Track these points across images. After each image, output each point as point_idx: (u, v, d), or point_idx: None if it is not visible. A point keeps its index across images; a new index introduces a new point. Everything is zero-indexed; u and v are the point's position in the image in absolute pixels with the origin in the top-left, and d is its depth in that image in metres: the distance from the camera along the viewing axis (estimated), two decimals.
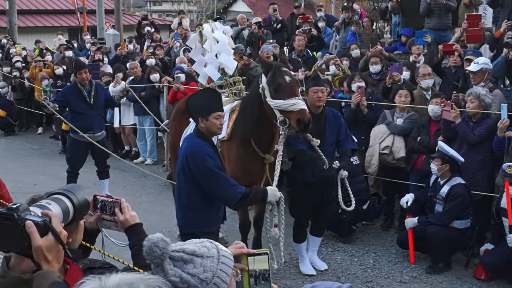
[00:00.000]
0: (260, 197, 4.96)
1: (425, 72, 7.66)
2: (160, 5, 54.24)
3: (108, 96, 8.83)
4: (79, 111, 8.35)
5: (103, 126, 8.81)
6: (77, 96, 8.36)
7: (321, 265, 6.46)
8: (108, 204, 2.86)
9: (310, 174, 5.99)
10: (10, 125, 15.02)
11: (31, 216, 1.88)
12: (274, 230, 5.48)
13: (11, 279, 1.88)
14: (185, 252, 1.98)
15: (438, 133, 6.94)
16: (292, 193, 6.49)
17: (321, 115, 6.03)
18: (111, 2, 23.77)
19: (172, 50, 13.93)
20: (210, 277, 1.96)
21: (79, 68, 8.57)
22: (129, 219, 2.84)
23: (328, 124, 6.04)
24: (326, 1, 24.89)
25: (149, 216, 8.14)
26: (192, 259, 1.98)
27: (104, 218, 2.88)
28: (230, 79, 6.78)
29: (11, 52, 17.52)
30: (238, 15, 15.06)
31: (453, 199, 6.23)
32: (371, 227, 7.63)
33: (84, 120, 8.29)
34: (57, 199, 2.15)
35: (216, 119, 4.72)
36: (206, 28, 6.75)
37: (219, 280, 1.98)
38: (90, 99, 8.38)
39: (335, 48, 12.86)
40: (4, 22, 24.06)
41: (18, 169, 10.87)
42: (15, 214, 1.85)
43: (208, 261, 1.98)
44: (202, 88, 6.15)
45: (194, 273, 1.96)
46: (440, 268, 6.38)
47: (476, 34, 8.96)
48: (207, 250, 2.01)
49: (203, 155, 4.65)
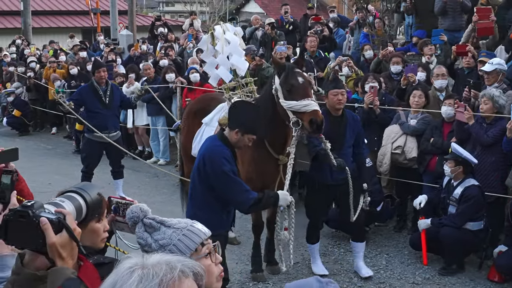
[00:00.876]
0: (272, 202, 4.99)
1: (439, 72, 7.63)
2: (173, 6, 54.38)
3: (123, 97, 8.89)
4: (94, 110, 8.41)
5: (118, 126, 8.87)
6: (92, 95, 8.44)
7: (365, 272, 6.29)
8: (122, 206, 2.89)
9: (329, 175, 5.97)
10: (25, 125, 15.13)
11: (45, 214, 1.89)
12: (284, 233, 5.49)
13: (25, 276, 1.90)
14: (155, 220, 2.30)
15: (451, 135, 6.91)
16: (308, 194, 6.47)
17: (341, 117, 6.04)
18: (124, 3, 23.90)
19: (185, 51, 13.98)
20: (167, 243, 2.22)
21: (97, 66, 8.69)
22: None
23: (348, 127, 6.05)
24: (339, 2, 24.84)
25: (162, 216, 8.14)
26: (159, 227, 2.28)
27: (117, 220, 2.91)
28: (242, 80, 6.80)
29: (25, 52, 17.67)
30: (252, 16, 15.08)
31: (467, 201, 6.21)
32: (384, 228, 7.62)
33: (99, 119, 8.36)
34: (71, 197, 2.18)
35: (249, 140, 4.78)
36: (218, 29, 6.76)
37: (175, 248, 2.20)
38: (105, 98, 8.45)
39: (348, 49, 12.83)
40: (18, 23, 24.25)
41: (33, 169, 10.94)
42: (30, 212, 1.86)
43: (171, 231, 2.25)
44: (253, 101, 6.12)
45: (156, 239, 2.25)
46: (453, 269, 6.36)
47: (487, 27, 8.87)
48: (177, 223, 2.29)
49: (220, 159, 4.67)
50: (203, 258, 2.22)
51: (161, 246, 2.20)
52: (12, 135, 14.92)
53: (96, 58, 12.51)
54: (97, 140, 8.48)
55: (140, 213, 2.34)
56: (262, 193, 4.90)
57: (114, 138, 8.56)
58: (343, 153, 5.92)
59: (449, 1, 10.18)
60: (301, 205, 8.65)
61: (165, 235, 2.24)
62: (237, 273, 6.39)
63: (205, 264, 2.19)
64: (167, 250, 2.16)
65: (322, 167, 5.95)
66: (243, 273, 6.40)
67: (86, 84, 9.09)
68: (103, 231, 2.62)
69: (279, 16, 14.80)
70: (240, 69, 6.71)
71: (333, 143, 5.81)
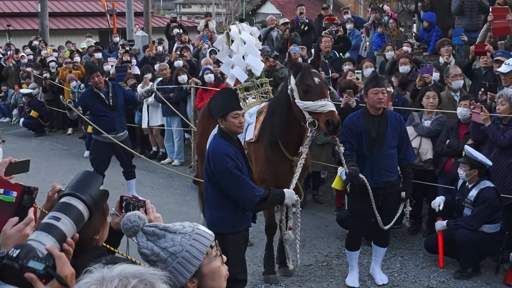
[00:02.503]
0: (278, 200, 4.95)
1: (457, 72, 7.53)
2: (190, 7, 54.57)
3: (127, 95, 8.80)
4: (99, 114, 8.40)
5: (125, 126, 8.83)
6: (95, 100, 8.39)
7: (380, 280, 6.17)
8: (133, 205, 2.89)
9: (370, 177, 5.73)
10: (41, 125, 15.24)
11: (33, 263, 1.80)
12: (289, 233, 5.46)
13: None
14: (157, 228, 2.15)
15: (468, 136, 6.81)
16: (349, 199, 6.28)
17: (382, 116, 5.83)
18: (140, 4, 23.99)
19: (201, 52, 13.99)
20: (178, 250, 2.09)
21: (91, 72, 8.59)
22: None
23: (389, 127, 5.81)
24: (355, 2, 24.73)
25: (176, 217, 8.17)
26: (164, 234, 2.13)
27: None
28: (257, 80, 6.77)
29: (42, 53, 17.81)
30: (268, 17, 15.07)
31: (482, 203, 6.12)
32: (398, 231, 7.53)
33: (105, 121, 8.35)
34: (67, 207, 2.07)
35: (234, 118, 4.69)
36: (233, 29, 6.75)
37: (188, 255, 2.10)
38: (108, 100, 8.42)
39: (364, 50, 12.77)
40: (36, 24, 24.46)
41: (48, 169, 11.04)
42: (17, 264, 1.78)
43: (179, 237, 2.12)
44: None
45: (164, 247, 2.10)
46: (468, 273, 6.27)
47: (503, 27, 8.77)
48: (182, 227, 2.15)
49: (222, 156, 4.62)
50: (214, 260, 2.19)
51: (172, 254, 2.09)
52: (28, 135, 15.03)
53: (88, 63, 12.46)
54: (105, 142, 8.48)
55: (139, 221, 2.17)
56: (268, 190, 4.86)
57: (121, 139, 8.56)
58: (383, 154, 5.74)
59: (466, 0, 10.07)
60: (314, 206, 8.67)
61: (174, 241, 2.11)
62: (249, 274, 6.33)
63: (215, 266, 2.18)
64: (180, 257, 2.08)
65: (363, 170, 5.70)
66: (256, 274, 6.36)
67: (87, 90, 9.04)
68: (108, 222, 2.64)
69: (295, 17, 14.76)
70: (256, 69, 6.69)
71: (372, 144, 5.74)
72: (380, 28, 11.98)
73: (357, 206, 5.91)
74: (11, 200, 2.35)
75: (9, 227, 2.23)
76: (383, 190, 5.82)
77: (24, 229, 2.27)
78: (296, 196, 5.05)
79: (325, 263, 6.70)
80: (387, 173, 5.82)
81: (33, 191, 2.39)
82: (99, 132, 8.43)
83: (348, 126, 5.80)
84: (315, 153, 8.00)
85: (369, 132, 5.73)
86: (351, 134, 5.74)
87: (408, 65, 8.65)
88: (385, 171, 5.80)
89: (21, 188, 2.39)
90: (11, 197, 2.35)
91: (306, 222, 7.70)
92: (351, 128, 5.77)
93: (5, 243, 2.25)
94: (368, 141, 5.76)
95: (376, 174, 5.77)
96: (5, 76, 17.55)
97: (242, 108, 4.86)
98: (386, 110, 5.94)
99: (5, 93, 17.49)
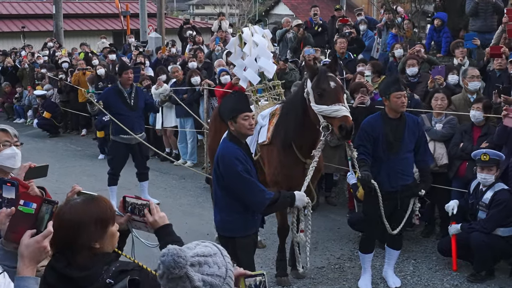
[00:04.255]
0: (289, 202, 4.93)
1: (474, 74, 7.42)
2: (203, 8, 54.72)
3: (148, 100, 8.96)
4: (119, 112, 8.47)
5: (143, 127, 8.94)
6: (118, 97, 8.51)
7: (393, 282, 6.14)
8: (138, 207, 2.92)
9: (387, 181, 5.70)
10: (55, 126, 15.35)
11: None
12: (300, 235, 5.46)
13: None
14: (198, 255, 2.07)
15: (481, 139, 6.71)
16: (364, 201, 6.23)
17: (400, 120, 5.77)
18: (153, 5, 24.09)
19: (214, 53, 14.02)
20: (224, 271, 2.09)
21: (124, 68, 8.77)
22: (158, 220, 2.89)
23: (407, 130, 5.77)
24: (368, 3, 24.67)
25: (189, 218, 8.21)
26: (206, 260, 2.07)
27: (134, 219, 2.93)
28: (269, 83, 6.78)
29: (56, 55, 17.94)
30: (283, 19, 15.09)
31: (497, 205, 6.07)
32: (411, 233, 7.49)
33: (124, 121, 8.41)
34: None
35: (244, 120, 4.68)
36: (246, 32, 6.76)
37: (231, 273, 2.12)
38: (130, 100, 8.53)
39: (376, 51, 12.73)
40: (51, 25, 24.65)
41: (62, 170, 11.11)
42: None
43: (217, 258, 2.10)
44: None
45: (212, 272, 2.06)
46: (482, 276, 6.22)
47: None
48: (210, 249, 2.12)
49: (231, 159, 4.62)
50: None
51: (220, 277, 2.08)
52: (42, 136, 15.15)
53: (122, 60, 12.63)
54: (123, 142, 8.58)
55: (183, 261, 2.03)
56: (278, 193, 4.86)
57: (139, 140, 8.64)
58: (400, 158, 5.71)
59: (481, 1, 10.00)
60: (327, 208, 8.65)
61: (218, 264, 2.09)
62: None
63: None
64: (227, 277, 2.10)
65: (379, 173, 5.69)
66: (268, 276, 6.34)
67: (111, 86, 9.20)
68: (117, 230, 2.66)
69: (308, 18, 14.76)
70: (268, 72, 6.69)
71: (389, 148, 5.71)
72: (395, 29, 11.93)
73: (372, 209, 5.88)
74: (31, 212, 2.39)
75: (26, 238, 2.28)
76: (400, 194, 5.80)
77: (42, 241, 2.31)
78: (307, 198, 5.04)
79: (337, 266, 6.69)
80: (404, 177, 5.80)
81: (54, 204, 2.44)
82: (118, 133, 8.50)
83: (365, 129, 5.77)
84: (328, 155, 7.98)
85: (386, 136, 5.70)
86: (368, 138, 5.71)
87: (416, 66, 8.58)
88: (402, 174, 5.78)
89: (40, 200, 2.43)
90: (30, 209, 2.40)
91: (318, 224, 7.70)
92: (368, 131, 5.74)
93: (23, 253, 2.29)
94: (386, 145, 5.73)
95: (393, 177, 5.74)
96: (20, 77, 17.70)
97: (252, 110, 4.86)
98: (404, 113, 5.89)
99: (20, 94, 17.63)
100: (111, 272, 2.45)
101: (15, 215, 2.41)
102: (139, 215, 2.90)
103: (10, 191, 2.70)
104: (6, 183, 2.73)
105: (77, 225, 2.48)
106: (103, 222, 2.54)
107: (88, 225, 2.49)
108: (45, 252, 2.34)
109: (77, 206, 2.55)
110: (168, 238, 2.81)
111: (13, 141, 3.83)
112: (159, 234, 2.86)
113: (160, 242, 2.84)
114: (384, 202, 5.70)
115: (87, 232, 2.49)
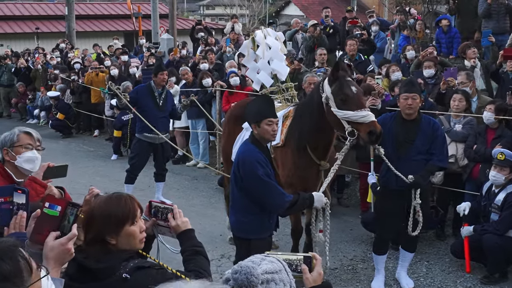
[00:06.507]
0: (308, 203, 4.96)
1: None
2: (213, 9, 54.77)
3: (173, 106, 9.05)
4: (146, 110, 8.56)
5: (168, 128, 9.06)
6: (148, 95, 8.63)
7: (406, 284, 6.15)
8: (161, 210, 2.98)
9: (394, 180, 5.74)
10: (68, 127, 15.46)
11: None
12: (319, 235, 5.49)
13: None
14: (267, 273, 2.03)
15: (495, 141, 6.72)
16: (376, 201, 6.26)
17: (413, 122, 5.78)
18: (165, 7, 24.20)
19: (225, 54, 14.07)
20: (278, 266, 2.08)
21: (161, 69, 8.91)
22: (180, 225, 2.94)
23: (421, 133, 5.77)
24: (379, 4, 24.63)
25: (202, 219, 8.25)
26: (273, 278, 2.04)
27: (159, 224, 2.98)
28: (282, 85, 6.81)
29: (69, 56, 18.06)
30: (293, 19, 15.10)
31: (510, 207, 6.07)
32: (424, 235, 7.48)
33: (149, 119, 8.49)
34: None
35: (268, 126, 4.71)
36: (259, 34, 6.80)
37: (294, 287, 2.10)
38: (160, 100, 8.64)
39: (389, 53, 12.72)
40: (63, 26, 24.83)
41: (75, 171, 11.15)
42: None
43: (283, 275, 2.07)
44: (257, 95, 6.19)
45: (266, 270, 2.03)
46: (495, 278, 6.22)
47: None
48: (276, 265, 2.09)
49: (253, 162, 4.65)
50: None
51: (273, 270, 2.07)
52: (55, 137, 15.25)
53: (158, 61, 12.83)
54: (147, 141, 8.66)
55: (256, 280, 1.99)
56: (297, 194, 4.89)
57: (163, 140, 8.74)
58: (410, 159, 5.71)
59: (493, 3, 9.99)
60: (339, 209, 8.67)
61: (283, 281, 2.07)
62: None
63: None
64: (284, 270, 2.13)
65: (388, 172, 5.72)
66: None
67: (143, 84, 9.37)
68: (140, 232, 2.69)
69: (319, 18, 14.76)
70: (281, 74, 6.72)
71: (399, 148, 5.74)
72: (406, 30, 11.93)
73: (385, 210, 5.90)
74: (55, 214, 2.47)
75: (51, 239, 2.35)
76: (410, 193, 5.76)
77: (67, 244, 2.38)
78: (325, 199, 5.06)
79: (350, 267, 6.71)
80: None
81: (78, 207, 2.51)
82: (142, 131, 8.59)
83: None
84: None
85: (396, 136, 5.72)
86: None
87: (433, 68, 8.59)
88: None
89: (65, 203, 2.51)
90: (55, 211, 2.47)
91: (331, 225, 7.60)
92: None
93: (47, 255, 2.35)
94: (395, 145, 5.75)
95: (400, 177, 5.74)
96: (33, 78, 17.83)
97: (277, 116, 4.88)
98: (422, 115, 5.88)
99: (33, 95, 17.76)
100: (128, 267, 2.52)
101: (40, 217, 2.48)
102: (163, 220, 2.96)
103: (21, 197, 2.83)
104: (17, 190, 2.87)
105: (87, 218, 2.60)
106: (118, 218, 2.61)
107: (98, 218, 2.60)
108: (70, 254, 2.40)
109: (96, 200, 2.67)
110: (189, 242, 2.86)
111: (35, 145, 3.90)
112: (181, 238, 2.92)
113: (181, 246, 2.89)
114: (387, 202, 5.75)
115: (96, 225, 2.59)
